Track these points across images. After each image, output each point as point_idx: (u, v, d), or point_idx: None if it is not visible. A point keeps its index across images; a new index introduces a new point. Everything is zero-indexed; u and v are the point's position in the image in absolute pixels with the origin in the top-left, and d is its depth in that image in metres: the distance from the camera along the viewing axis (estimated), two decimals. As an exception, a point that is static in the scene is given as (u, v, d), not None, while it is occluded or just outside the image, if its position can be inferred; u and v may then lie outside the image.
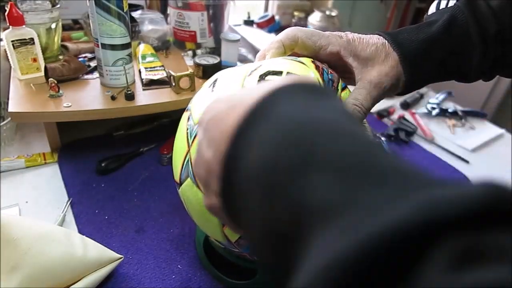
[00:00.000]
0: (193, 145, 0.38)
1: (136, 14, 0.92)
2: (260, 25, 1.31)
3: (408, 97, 1.05)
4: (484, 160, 0.85)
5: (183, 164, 0.39)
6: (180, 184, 0.40)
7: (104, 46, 0.68)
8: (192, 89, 0.72)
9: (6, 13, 0.67)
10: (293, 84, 0.23)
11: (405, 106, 1.03)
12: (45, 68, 0.70)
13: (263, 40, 1.14)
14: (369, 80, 0.41)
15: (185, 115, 0.42)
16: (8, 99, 0.66)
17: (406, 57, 0.41)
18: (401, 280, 0.13)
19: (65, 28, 0.87)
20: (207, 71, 0.77)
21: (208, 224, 0.40)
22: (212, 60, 0.79)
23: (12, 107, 0.63)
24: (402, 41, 0.41)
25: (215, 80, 0.41)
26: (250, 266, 0.48)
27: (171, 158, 0.45)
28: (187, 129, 0.39)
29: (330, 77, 0.40)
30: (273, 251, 0.19)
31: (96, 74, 0.75)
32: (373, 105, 0.41)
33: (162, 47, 0.89)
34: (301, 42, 0.42)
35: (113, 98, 0.68)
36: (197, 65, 0.78)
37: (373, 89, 0.40)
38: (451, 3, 0.42)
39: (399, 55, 0.41)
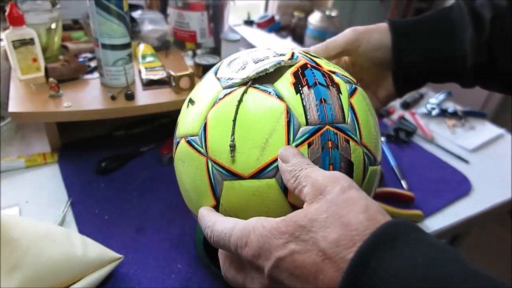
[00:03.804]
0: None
1: (136, 14, 0.92)
2: (260, 25, 1.31)
3: (408, 97, 1.05)
4: (484, 160, 0.85)
5: None
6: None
7: (104, 46, 0.68)
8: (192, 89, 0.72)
9: (6, 13, 0.67)
10: (404, 224, 0.24)
11: (405, 106, 1.03)
12: (45, 68, 0.70)
13: (263, 40, 1.14)
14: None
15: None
16: (8, 99, 0.66)
17: (395, 22, 0.45)
18: None
19: (65, 28, 0.87)
20: (207, 71, 0.77)
21: None
22: (212, 60, 0.79)
23: (12, 107, 0.63)
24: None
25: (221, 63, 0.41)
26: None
27: (171, 158, 0.45)
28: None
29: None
30: None
31: (96, 74, 0.75)
32: (344, 43, 0.45)
33: (162, 47, 0.89)
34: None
35: (113, 98, 0.68)
36: (197, 65, 0.78)
37: (346, 34, 0.45)
38: None
39: (389, 22, 0.45)
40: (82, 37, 0.90)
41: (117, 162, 0.70)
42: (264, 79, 0.35)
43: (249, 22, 1.34)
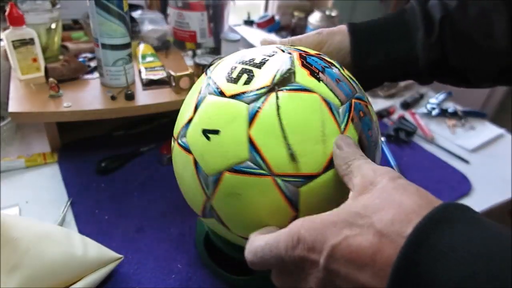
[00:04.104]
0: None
1: (136, 14, 0.92)
2: (260, 25, 1.31)
3: (408, 97, 1.05)
4: (484, 160, 0.85)
5: None
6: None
7: (104, 46, 0.68)
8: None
9: (6, 13, 0.67)
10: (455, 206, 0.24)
11: (405, 106, 1.03)
12: (45, 68, 0.70)
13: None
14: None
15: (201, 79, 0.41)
16: (8, 99, 0.66)
17: (354, 26, 0.46)
18: None
19: (65, 28, 0.87)
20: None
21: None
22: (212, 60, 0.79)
23: (12, 107, 0.63)
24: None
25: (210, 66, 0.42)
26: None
27: (170, 158, 0.45)
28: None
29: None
30: None
31: (96, 74, 0.75)
32: (307, 44, 0.46)
33: (162, 47, 0.89)
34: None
35: (113, 98, 0.68)
36: (197, 65, 0.78)
37: (310, 35, 0.46)
38: None
39: (348, 26, 0.46)
40: (82, 37, 0.90)
41: (117, 162, 0.70)
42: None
43: (249, 22, 1.34)
